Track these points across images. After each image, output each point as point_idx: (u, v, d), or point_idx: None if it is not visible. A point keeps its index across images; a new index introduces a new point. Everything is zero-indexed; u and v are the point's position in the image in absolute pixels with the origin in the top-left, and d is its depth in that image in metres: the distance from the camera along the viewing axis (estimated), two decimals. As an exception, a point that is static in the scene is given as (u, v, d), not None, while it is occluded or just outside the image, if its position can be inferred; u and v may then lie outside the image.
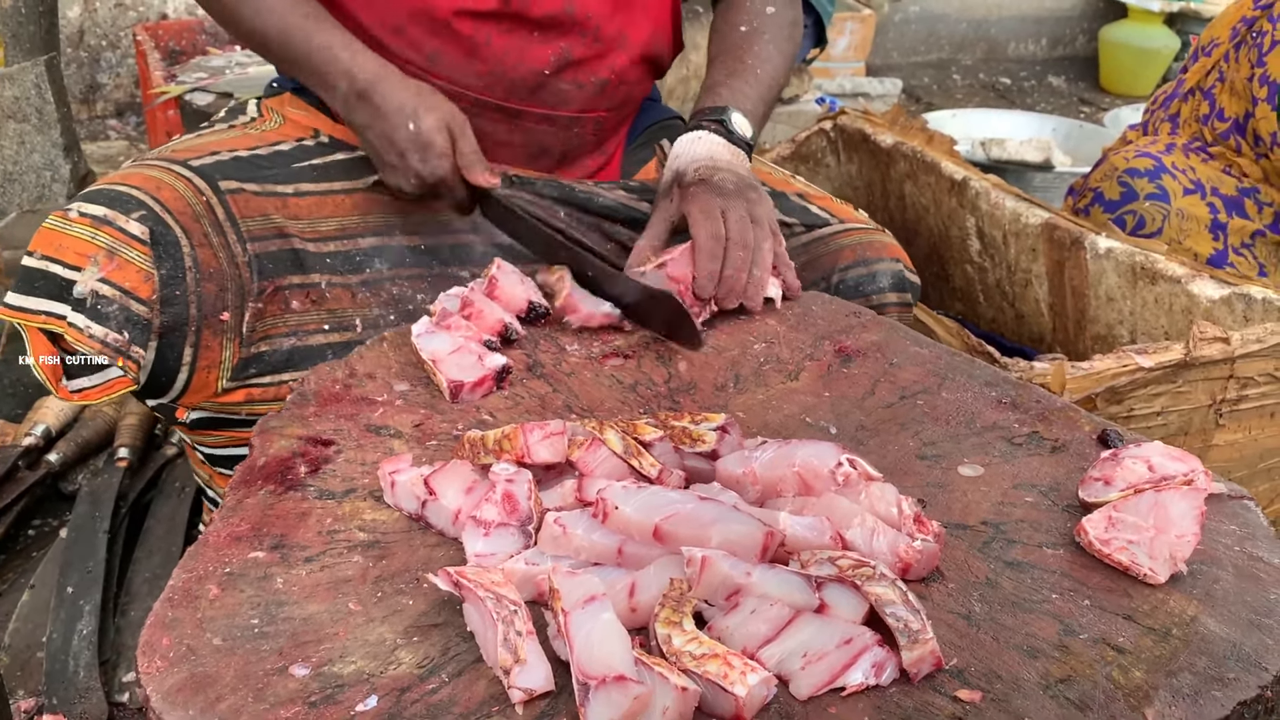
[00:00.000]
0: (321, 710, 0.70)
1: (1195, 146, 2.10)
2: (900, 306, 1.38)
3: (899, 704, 0.72)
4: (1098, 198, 2.05)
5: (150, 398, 1.20)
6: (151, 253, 1.14)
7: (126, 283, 1.13)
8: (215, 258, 1.18)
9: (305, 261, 1.25)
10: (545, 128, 1.37)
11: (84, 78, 3.85)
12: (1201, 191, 2.02)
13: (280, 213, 1.25)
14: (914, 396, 1.08)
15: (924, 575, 0.83)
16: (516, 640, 0.72)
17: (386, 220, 1.31)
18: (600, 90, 1.38)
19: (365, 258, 1.28)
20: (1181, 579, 0.83)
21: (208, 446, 1.30)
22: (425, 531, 0.89)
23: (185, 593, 0.80)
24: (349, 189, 1.30)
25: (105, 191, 1.17)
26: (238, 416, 1.22)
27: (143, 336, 1.13)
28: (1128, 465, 0.91)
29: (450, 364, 1.07)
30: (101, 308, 1.12)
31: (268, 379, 1.22)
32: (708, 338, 1.19)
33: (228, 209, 1.21)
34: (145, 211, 1.15)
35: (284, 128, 1.35)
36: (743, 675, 0.70)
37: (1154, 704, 0.71)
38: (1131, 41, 4.76)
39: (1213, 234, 2.00)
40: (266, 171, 1.27)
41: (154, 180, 1.19)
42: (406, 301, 1.29)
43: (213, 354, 1.18)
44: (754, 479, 0.88)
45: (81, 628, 1.47)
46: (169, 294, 1.14)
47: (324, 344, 1.24)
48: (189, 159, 1.24)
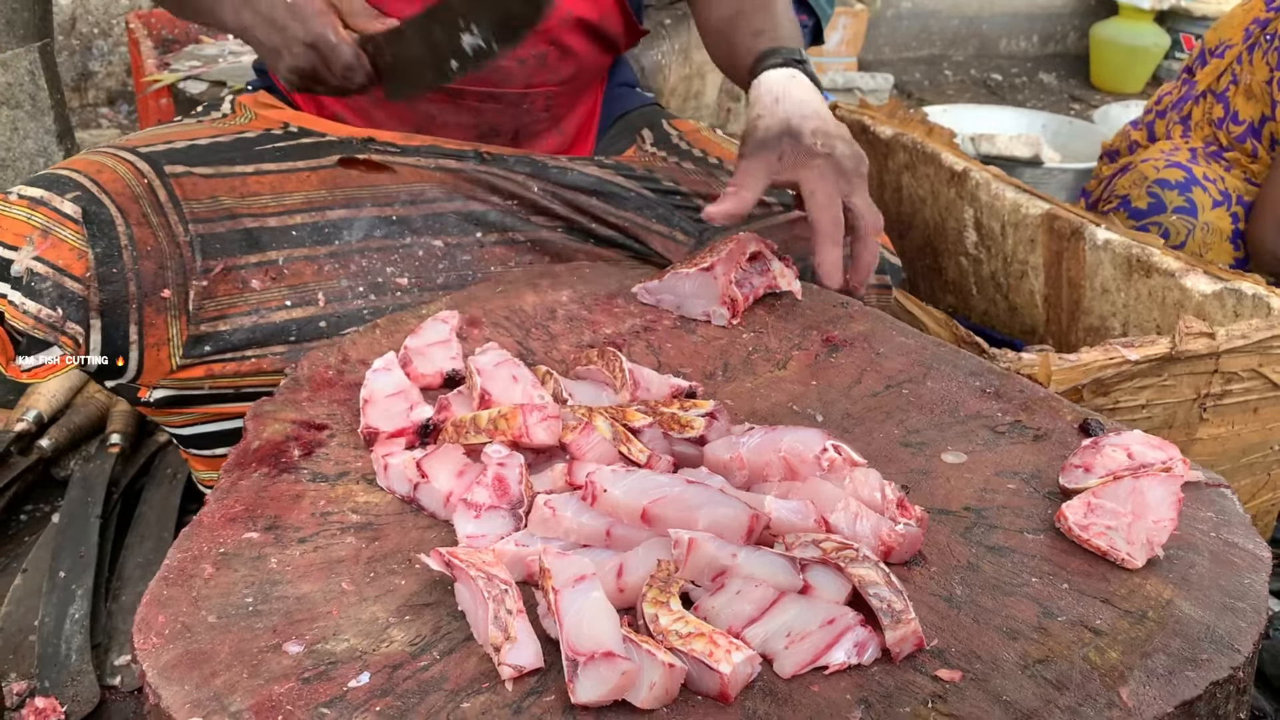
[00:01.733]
0: (315, 686, 0.72)
1: (1211, 151, 2.12)
2: (880, 288, 1.39)
3: (880, 683, 0.73)
4: (1124, 204, 2.06)
5: (108, 379, 1.23)
6: (85, 231, 1.17)
7: (60, 260, 1.16)
8: (154, 236, 1.21)
9: (260, 240, 1.26)
10: (491, 106, 1.37)
11: (76, 65, 3.85)
12: (1228, 203, 2.03)
13: (232, 194, 1.27)
14: (899, 386, 1.10)
15: (906, 559, 0.84)
16: (507, 618, 0.73)
17: (356, 193, 1.32)
18: (542, 63, 1.37)
19: (334, 229, 1.30)
20: (1158, 564, 0.84)
21: (175, 426, 1.31)
22: (417, 514, 0.90)
23: (180, 572, 0.82)
24: (314, 166, 1.32)
25: (45, 176, 1.21)
26: (200, 392, 1.24)
27: (79, 313, 1.16)
28: (1108, 453, 0.92)
29: (377, 409, 0.99)
30: (35, 285, 1.15)
31: (229, 355, 1.24)
32: (697, 328, 1.21)
33: (170, 190, 1.24)
34: (80, 192, 1.19)
35: (253, 123, 1.38)
36: (728, 653, 0.71)
37: (1129, 683, 0.73)
38: (1122, 39, 4.79)
39: (1234, 244, 2.01)
40: (224, 154, 1.30)
41: (95, 164, 1.22)
42: (375, 274, 1.29)
43: (159, 331, 1.20)
44: (741, 464, 0.90)
45: (74, 612, 1.48)
46: (105, 272, 1.17)
47: (286, 320, 1.25)
48: (138, 146, 1.27)
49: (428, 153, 1.36)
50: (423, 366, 1.07)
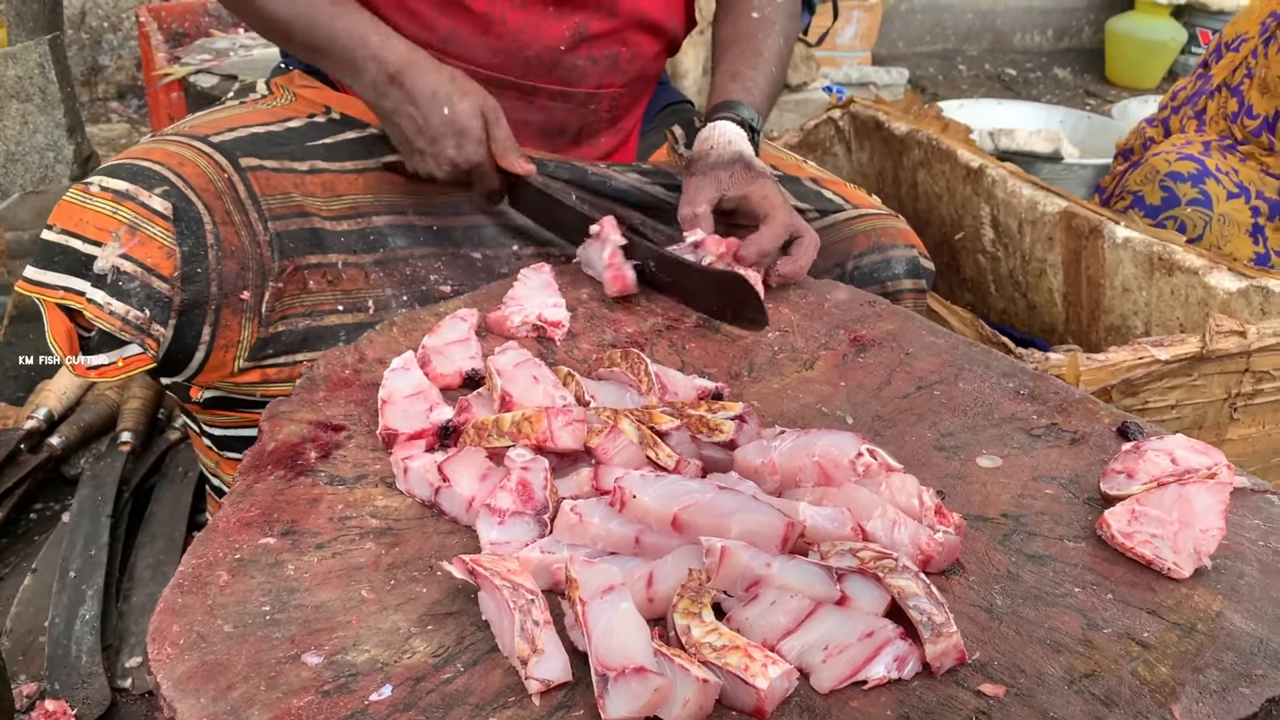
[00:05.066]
0: (335, 699, 0.69)
1: (1226, 145, 2.08)
2: (915, 293, 1.37)
3: (921, 698, 0.70)
4: (1138, 201, 2.03)
5: (165, 375, 1.18)
6: (174, 229, 1.12)
7: (148, 259, 1.10)
8: (237, 235, 1.16)
9: (324, 241, 1.23)
10: (561, 105, 1.36)
11: (85, 60, 3.83)
12: (1246, 195, 2.00)
13: (298, 190, 1.23)
14: (931, 387, 1.07)
15: (945, 568, 0.82)
16: (534, 630, 0.71)
17: (399, 200, 1.29)
18: (614, 65, 1.36)
19: (380, 236, 1.27)
20: (1206, 574, 0.81)
21: (217, 427, 1.28)
22: (438, 519, 0.87)
23: (195, 579, 0.79)
24: (360, 168, 1.29)
25: (127, 166, 1.14)
26: (251, 398, 1.20)
27: (163, 314, 1.11)
28: (1150, 458, 0.89)
29: (396, 410, 0.96)
30: (123, 284, 1.09)
31: (283, 359, 1.20)
32: (720, 327, 1.18)
33: (249, 186, 1.19)
34: (168, 187, 1.13)
35: (295, 104, 1.33)
36: (764, 668, 0.68)
37: (1180, 700, 0.70)
38: (1138, 34, 4.75)
39: (1253, 238, 1.98)
40: (283, 148, 1.25)
41: (176, 156, 1.16)
42: (420, 282, 1.27)
43: (231, 333, 1.16)
44: (773, 469, 0.87)
45: (84, 612, 1.46)
46: (190, 271, 1.12)
47: (337, 325, 1.22)
48: (209, 135, 1.22)
49: None
50: (441, 366, 1.05)
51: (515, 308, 1.15)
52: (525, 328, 1.13)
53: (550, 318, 1.14)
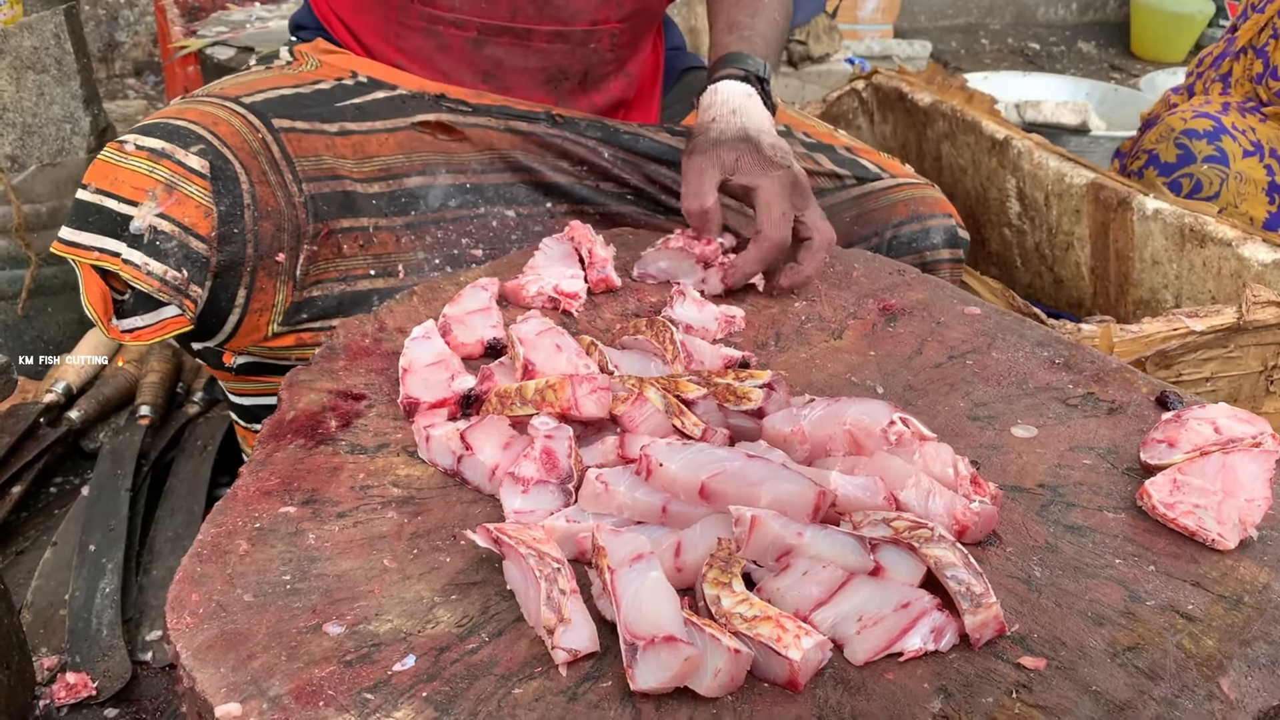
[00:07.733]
0: (357, 670, 0.68)
1: (1250, 106, 2.04)
2: (953, 263, 1.35)
3: (960, 670, 0.68)
4: (1152, 160, 1.99)
5: (198, 340, 1.16)
6: (211, 188, 1.09)
7: (186, 218, 1.08)
8: (273, 196, 1.13)
9: (356, 204, 1.21)
10: (559, 46, 1.31)
11: (102, 36, 3.81)
12: (1260, 153, 1.95)
13: (329, 152, 1.21)
14: (963, 356, 1.05)
15: (981, 538, 0.79)
16: (560, 599, 0.69)
17: (431, 158, 1.26)
18: None
19: (411, 198, 1.24)
20: (1251, 545, 0.79)
21: (246, 396, 1.26)
22: (461, 488, 0.86)
23: (214, 548, 0.77)
24: (391, 128, 1.26)
25: (162, 125, 1.12)
26: (285, 361, 1.18)
27: (201, 275, 1.09)
28: (1192, 427, 0.87)
29: (417, 378, 0.95)
30: (160, 244, 1.07)
31: (317, 324, 1.18)
32: (746, 296, 1.16)
33: (282, 147, 1.17)
34: (204, 145, 1.10)
35: (321, 69, 1.31)
36: (797, 639, 0.66)
37: (1228, 674, 0.68)
38: (1165, 6, 4.66)
39: (1269, 197, 1.94)
40: (313, 109, 1.23)
41: (210, 115, 1.14)
42: (451, 245, 1.24)
43: (266, 296, 1.13)
44: (803, 438, 0.85)
45: (104, 586, 1.46)
46: (227, 231, 1.09)
47: (370, 289, 1.20)
48: (240, 95, 1.19)
49: (499, 113, 1.31)
50: (463, 335, 1.03)
51: (532, 277, 1.13)
52: (541, 299, 1.11)
53: (566, 289, 1.12)
